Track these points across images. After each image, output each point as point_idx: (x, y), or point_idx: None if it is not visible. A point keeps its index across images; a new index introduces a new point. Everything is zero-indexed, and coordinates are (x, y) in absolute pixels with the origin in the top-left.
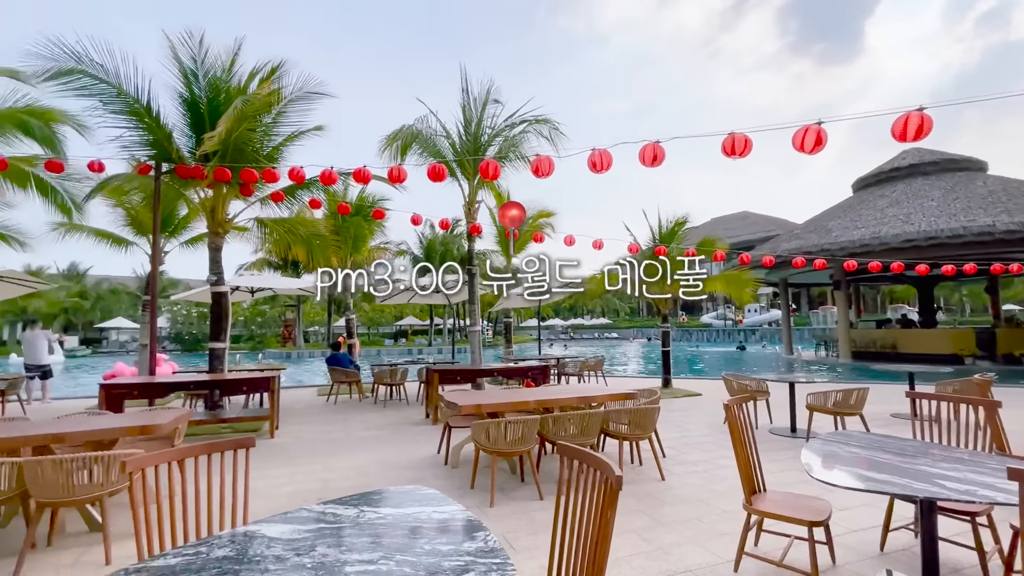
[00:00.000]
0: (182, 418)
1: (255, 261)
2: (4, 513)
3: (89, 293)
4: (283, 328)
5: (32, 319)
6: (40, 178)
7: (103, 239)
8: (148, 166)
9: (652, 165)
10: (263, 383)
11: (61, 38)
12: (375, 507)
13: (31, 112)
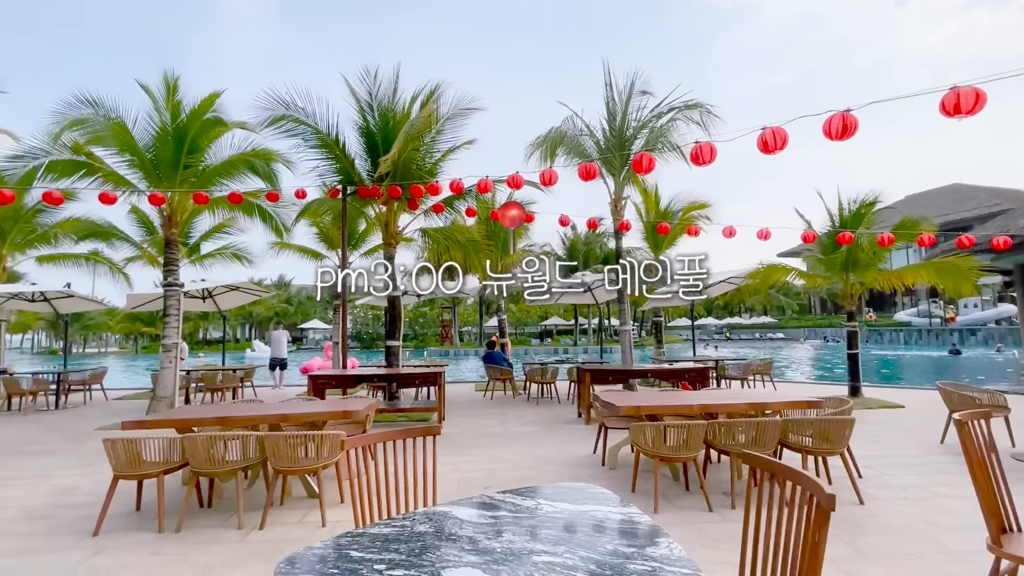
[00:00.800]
0: (372, 406)
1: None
2: (251, 476)
3: (292, 299)
4: (441, 328)
5: (277, 321)
6: (262, 207)
7: (304, 254)
8: (337, 190)
9: (841, 138)
10: (432, 378)
11: (274, 90)
12: (551, 501)
13: (255, 154)
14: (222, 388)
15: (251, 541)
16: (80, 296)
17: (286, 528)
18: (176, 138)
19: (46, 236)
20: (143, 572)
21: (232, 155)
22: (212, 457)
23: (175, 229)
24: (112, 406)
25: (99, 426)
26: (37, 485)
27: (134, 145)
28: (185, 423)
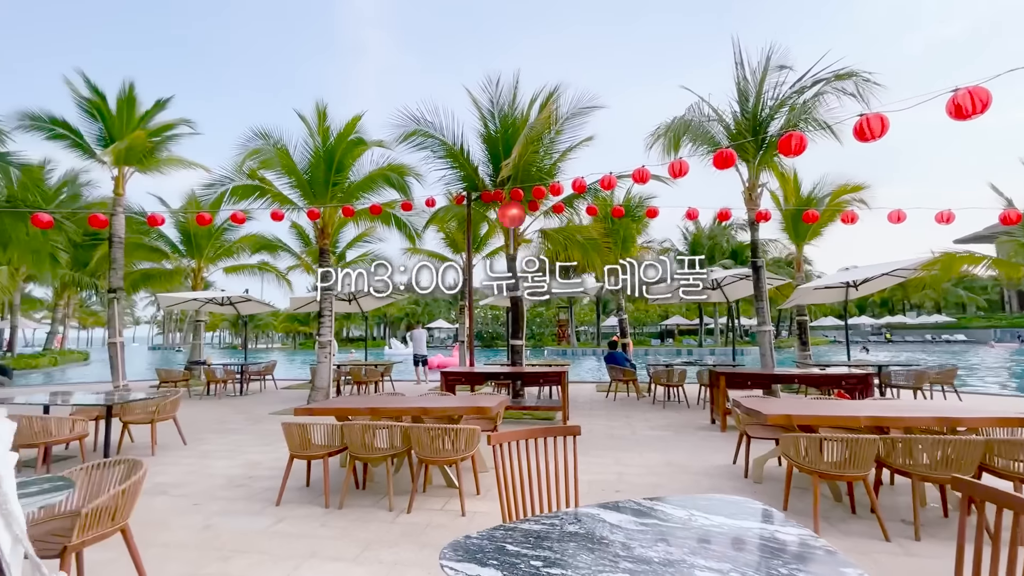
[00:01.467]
0: (502, 403)
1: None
2: (397, 463)
3: (420, 301)
4: (558, 327)
5: (417, 321)
6: (397, 217)
7: (432, 258)
8: (462, 196)
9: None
10: (555, 377)
11: (406, 108)
12: (706, 513)
13: (391, 168)
14: (366, 381)
15: (401, 523)
16: (255, 300)
17: (430, 514)
18: (326, 159)
19: (230, 250)
20: (316, 541)
21: (371, 171)
22: (365, 443)
23: (327, 240)
24: (280, 394)
25: (273, 411)
26: (234, 458)
27: (294, 168)
28: (343, 412)
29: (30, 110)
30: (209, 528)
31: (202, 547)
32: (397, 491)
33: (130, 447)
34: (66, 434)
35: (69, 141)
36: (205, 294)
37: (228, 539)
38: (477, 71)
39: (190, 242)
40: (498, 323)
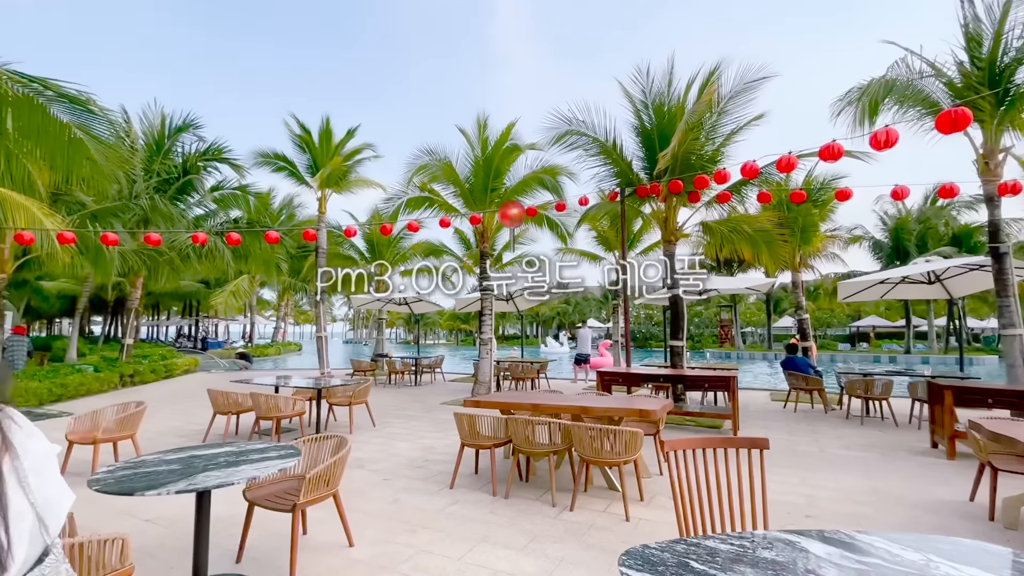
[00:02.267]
0: (666, 407)
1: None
2: (557, 459)
3: (570, 300)
4: (720, 328)
5: (583, 319)
6: (549, 218)
7: (583, 256)
8: (615, 193)
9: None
10: (723, 382)
11: (558, 110)
12: (951, 562)
13: (544, 171)
14: (523, 377)
15: (564, 520)
16: (425, 300)
17: (593, 514)
18: (485, 167)
19: (404, 256)
20: (486, 527)
21: (526, 175)
22: (527, 438)
23: (486, 243)
24: (448, 386)
25: (443, 401)
26: (413, 441)
27: (457, 178)
28: (506, 406)
29: (262, 149)
30: (396, 502)
31: (392, 518)
32: (559, 487)
33: (333, 425)
34: (290, 411)
35: (287, 171)
36: (386, 295)
37: (412, 514)
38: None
39: (374, 250)
40: (652, 323)
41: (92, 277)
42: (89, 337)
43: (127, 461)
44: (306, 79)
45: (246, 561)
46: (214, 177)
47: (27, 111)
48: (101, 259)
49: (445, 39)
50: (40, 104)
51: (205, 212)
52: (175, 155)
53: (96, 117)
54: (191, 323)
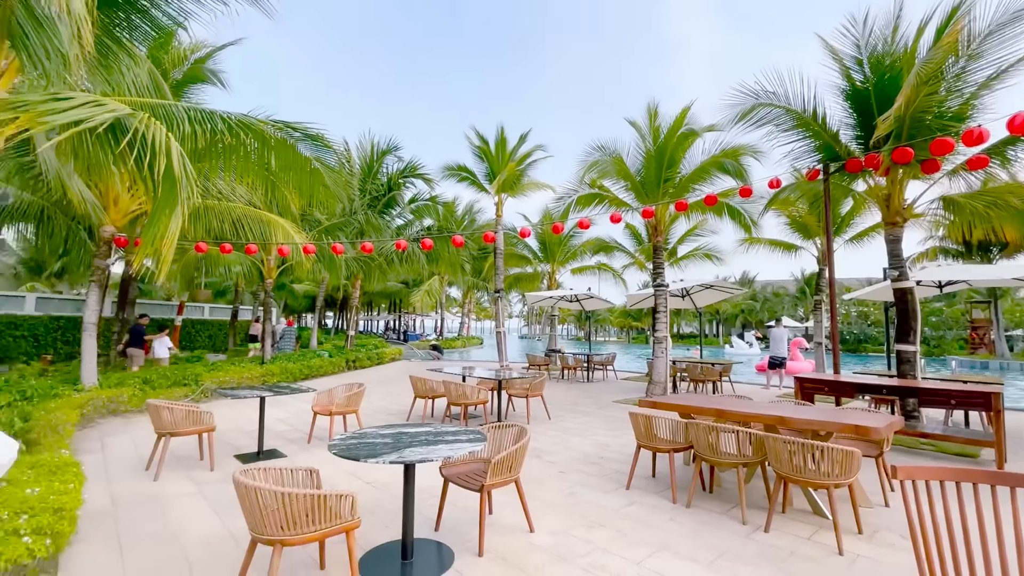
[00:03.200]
0: (893, 425)
1: (923, 251)
2: (747, 472)
3: (757, 296)
4: (971, 330)
5: (774, 317)
6: (730, 206)
7: (775, 247)
8: (816, 171)
9: None
10: (980, 398)
11: (743, 84)
12: None
13: (725, 154)
14: (702, 379)
15: (757, 541)
16: (597, 297)
17: (794, 541)
18: (657, 158)
19: (574, 254)
20: (666, 535)
21: (703, 160)
22: (711, 445)
23: (660, 237)
24: (620, 384)
25: (615, 399)
26: (586, 437)
27: (627, 172)
28: (686, 409)
29: (447, 163)
30: (573, 495)
31: (569, 510)
32: (749, 504)
33: (512, 414)
34: (475, 399)
35: (468, 180)
36: (559, 292)
37: (588, 509)
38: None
39: (546, 249)
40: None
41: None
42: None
43: (354, 432)
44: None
45: (443, 530)
46: (410, 191)
47: (283, 151)
48: (333, 265)
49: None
50: (291, 144)
51: (405, 222)
52: (381, 175)
53: (328, 150)
54: (395, 318)
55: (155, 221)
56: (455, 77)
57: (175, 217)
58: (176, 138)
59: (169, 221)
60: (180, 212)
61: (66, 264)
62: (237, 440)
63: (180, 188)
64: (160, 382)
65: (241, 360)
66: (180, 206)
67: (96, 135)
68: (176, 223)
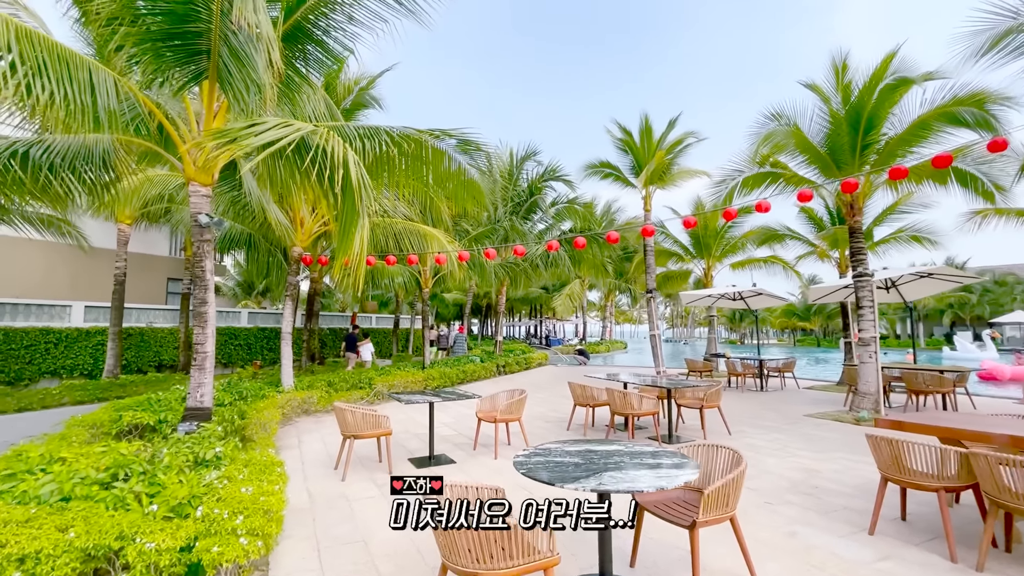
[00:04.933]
0: None
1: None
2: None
3: (974, 287)
4: None
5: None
6: (959, 169)
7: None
8: None
9: None
10: None
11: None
12: None
13: (958, 102)
14: (927, 391)
15: None
16: (767, 293)
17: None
18: (851, 119)
19: (735, 246)
20: None
21: (922, 114)
22: (1009, 489)
23: (859, 217)
24: (805, 394)
25: (806, 412)
26: (784, 459)
27: (808, 143)
28: (952, 434)
29: (590, 162)
30: (795, 536)
31: (795, 557)
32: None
33: (683, 428)
34: (643, 409)
35: (613, 176)
36: (719, 290)
37: (824, 558)
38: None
39: (699, 243)
40: None
41: (473, 287)
42: (471, 335)
43: (537, 448)
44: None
45: (640, 567)
46: (550, 195)
47: (438, 158)
48: (484, 272)
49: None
50: (444, 151)
51: (546, 226)
52: (522, 180)
53: (480, 153)
54: (536, 323)
55: (344, 236)
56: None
57: (360, 228)
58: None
59: (354, 233)
60: (364, 223)
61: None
62: (409, 443)
63: (359, 198)
64: (341, 384)
65: (405, 365)
66: (361, 217)
67: (285, 156)
68: (362, 234)
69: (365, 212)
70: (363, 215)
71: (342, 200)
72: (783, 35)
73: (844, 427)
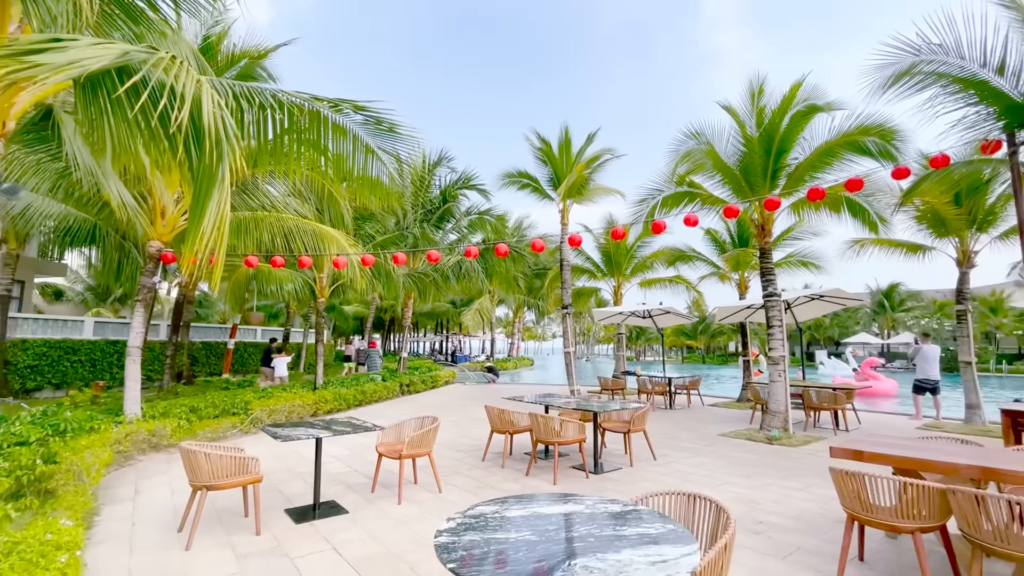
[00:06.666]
0: None
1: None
2: None
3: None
4: None
5: (925, 332)
6: (851, 200)
7: (898, 249)
8: (996, 143)
9: None
10: None
11: (898, 36)
12: None
13: (863, 131)
14: (820, 407)
15: None
16: (674, 312)
17: None
18: (763, 142)
19: (643, 265)
20: None
21: (828, 140)
22: (994, 531)
23: (768, 238)
24: (711, 411)
25: (720, 432)
26: (720, 489)
27: (724, 164)
28: (912, 464)
29: (507, 171)
30: None
31: None
32: None
33: (607, 454)
34: (571, 436)
35: (531, 187)
36: (630, 308)
37: None
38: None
39: (610, 261)
40: None
41: (376, 300)
42: None
43: (468, 514)
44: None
45: None
46: (464, 204)
47: (339, 139)
48: (390, 282)
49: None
50: (348, 130)
51: (459, 236)
52: (433, 187)
53: (399, 140)
54: (442, 339)
55: (197, 208)
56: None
57: (218, 195)
58: None
59: (208, 202)
60: (223, 189)
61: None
62: (289, 486)
63: (214, 150)
64: (208, 411)
65: (294, 385)
66: (219, 179)
67: (117, 101)
68: (222, 206)
69: (226, 173)
70: (223, 177)
71: (197, 157)
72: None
73: (759, 447)
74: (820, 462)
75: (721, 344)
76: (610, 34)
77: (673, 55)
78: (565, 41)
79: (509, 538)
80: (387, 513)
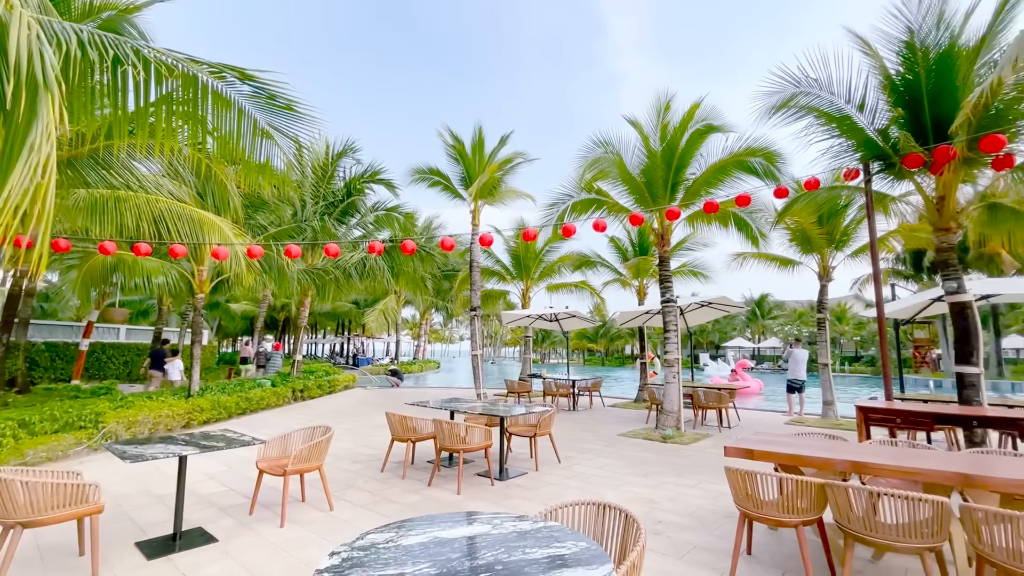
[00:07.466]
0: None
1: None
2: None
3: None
4: (913, 350)
5: (797, 337)
6: (738, 216)
7: (771, 262)
8: (855, 171)
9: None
10: None
11: (783, 67)
12: None
13: (750, 152)
14: (706, 406)
15: None
16: (579, 316)
17: None
18: (665, 157)
19: (551, 269)
20: None
21: (722, 159)
22: (867, 521)
23: (667, 247)
24: (612, 412)
25: (620, 432)
26: (621, 490)
27: (629, 174)
28: (795, 460)
29: (418, 166)
30: None
31: None
32: None
33: (512, 458)
34: (476, 443)
35: (441, 185)
36: (538, 311)
37: None
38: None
39: (519, 264)
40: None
41: (268, 298)
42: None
43: (356, 545)
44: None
45: None
46: (371, 199)
47: (222, 112)
48: (283, 278)
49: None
50: (233, 101)
51: (363, 233)
52: (337, 179)
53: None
54: (343, 341)
55: (5, 159)
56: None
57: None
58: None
59: (19, 153)
60: (43, 131)
61: None
62: (144, 513)
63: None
64: (44, 425)
65: (161, 393)
66: (39, 119)
67: None
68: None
69: (48, 116)
70: (44, 119)
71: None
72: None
73: (655, 446)
74: (709, 459)
75: (619, 347)
76: (526, 47)
77: (583, 71)
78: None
79: (404, 574)
80: (266, 539)
